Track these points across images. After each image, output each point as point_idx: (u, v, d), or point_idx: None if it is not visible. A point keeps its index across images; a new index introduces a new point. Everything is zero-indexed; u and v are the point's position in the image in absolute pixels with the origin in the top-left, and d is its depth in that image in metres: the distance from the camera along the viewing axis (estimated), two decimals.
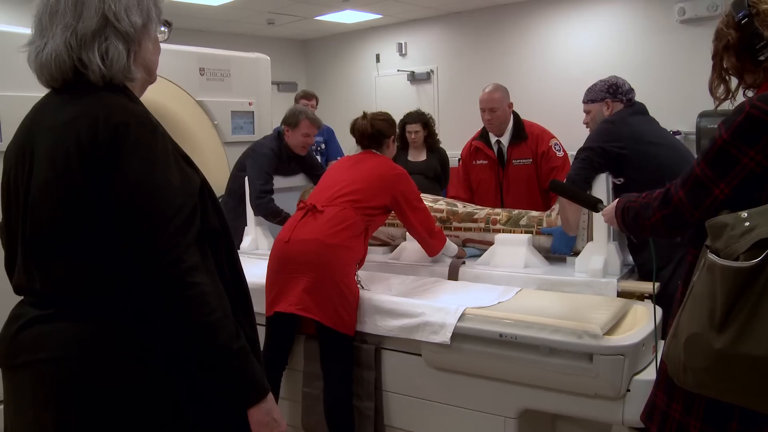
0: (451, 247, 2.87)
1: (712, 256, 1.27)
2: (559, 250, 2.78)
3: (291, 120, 3.64)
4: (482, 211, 2.97)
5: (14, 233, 1.26)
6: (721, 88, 1.51)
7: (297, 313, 2.46)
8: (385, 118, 2.86)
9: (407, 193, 2.71)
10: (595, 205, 2.17)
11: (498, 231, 2.86)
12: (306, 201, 2.69)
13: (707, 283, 1.27)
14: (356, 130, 2.84)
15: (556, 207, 2.81)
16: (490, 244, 2.88)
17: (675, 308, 1.50)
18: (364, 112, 2.88)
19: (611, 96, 2.77)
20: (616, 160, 2.56)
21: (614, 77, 2.83)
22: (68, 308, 1.21)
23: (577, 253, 2.67)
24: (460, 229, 2.98)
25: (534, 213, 2.88)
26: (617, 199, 1.76)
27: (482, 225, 2.92)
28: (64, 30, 1.23)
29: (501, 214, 2.92)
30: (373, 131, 2.80)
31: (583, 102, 2.88)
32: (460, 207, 3.05)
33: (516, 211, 2.93)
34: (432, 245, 2.79)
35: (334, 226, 2.51)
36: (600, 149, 2.56)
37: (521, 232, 2.81)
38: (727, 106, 1.50)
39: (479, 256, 2.91)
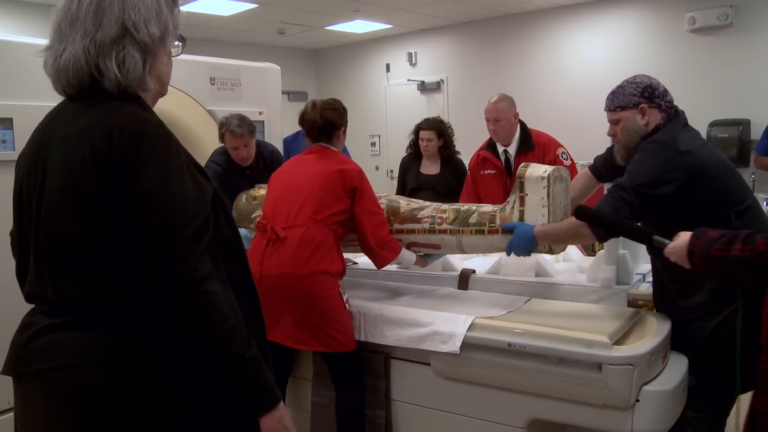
0: (406, 256, 2.57)
1: None
2: (517, 250, 2.29)
3: (219, 134, 3.56)
4: (427, 209, 2.61)
5: (26, 241, 1.27)
6: None
7: (294, 347, 2.41)
8: (335, 107, 2.64)
9: (364, 191, 2.49)
10: (648, 237, 1.85)
11: (444, 232, 2.51)
12: (264, 221, 2.52)
13: None
14: (306, 121, 2.64)
15: (510, 200, 2.39)
16: (437, 247, 2.58)
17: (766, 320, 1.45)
18: (313, 102, 2.66)
19: (647, 100, 2.18)
20: (662, 202, 2.06)
21: (645, 76, 2.25)
22: (81, 317, 1.21)
23: (550, 252, 2.31)
24: (402, 231, 2.61)
25: (485, 208, 2.48)
26: (687, 237, 1.61)
27: (426, 226, 2.56)
28: (83, 36, 1.24)
29: (448, 211, 2.55)
30: (323, 122, 2.59)
31: (609, 110, 2.25)
32: (403, 204, 2.68)
33: (465, 207, 2.53)
34: (382, 257, 2.51)
35: (302, 252, 2.36)
36: (649, 197, 2.04)
37: (471, 232, 2.44)
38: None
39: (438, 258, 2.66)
